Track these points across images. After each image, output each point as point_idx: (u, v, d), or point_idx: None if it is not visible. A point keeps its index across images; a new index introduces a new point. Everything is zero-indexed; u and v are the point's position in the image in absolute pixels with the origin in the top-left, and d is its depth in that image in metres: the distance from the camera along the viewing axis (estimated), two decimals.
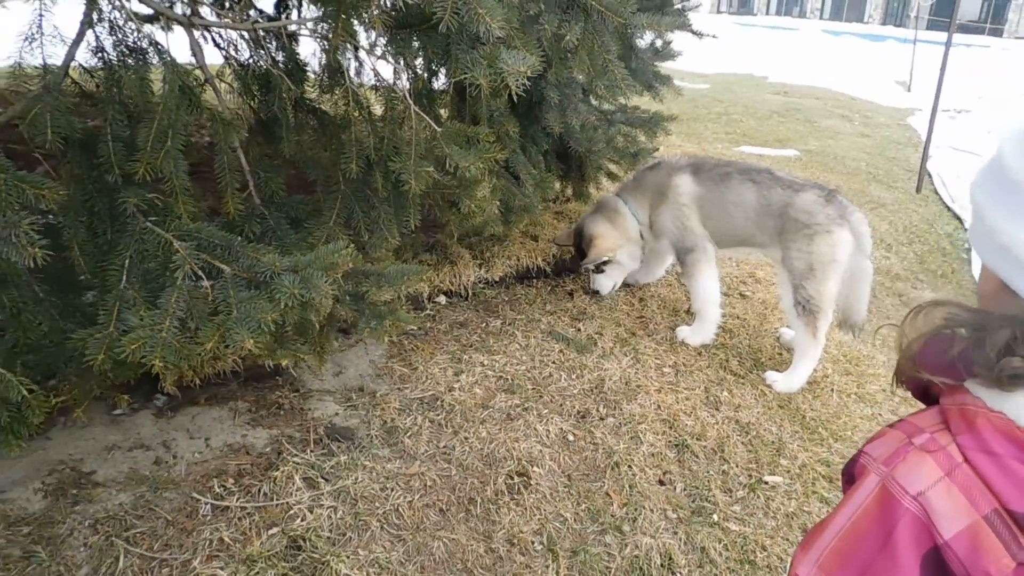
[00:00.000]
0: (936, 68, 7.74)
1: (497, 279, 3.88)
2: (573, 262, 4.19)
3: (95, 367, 1.88)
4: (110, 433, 2.56)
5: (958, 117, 12.93)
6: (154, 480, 2.38)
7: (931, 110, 7.76)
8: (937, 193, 7.83)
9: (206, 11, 2.53)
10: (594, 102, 4.20)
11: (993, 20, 36.23)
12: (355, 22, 2.12)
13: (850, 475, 0.92)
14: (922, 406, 0.95)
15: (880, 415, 3.49)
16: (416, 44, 2.28)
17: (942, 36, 8.50)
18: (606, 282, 3.93)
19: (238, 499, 2.36)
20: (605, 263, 3.82)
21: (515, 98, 2.30)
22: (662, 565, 2.46)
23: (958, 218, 7.11)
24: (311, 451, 2.62)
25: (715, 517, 2.70)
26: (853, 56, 20.28)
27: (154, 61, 2.26)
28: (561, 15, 2.39)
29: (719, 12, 40.06)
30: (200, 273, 2.04)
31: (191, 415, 2.69)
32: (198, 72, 2.37)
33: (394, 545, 2.33)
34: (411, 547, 2.34)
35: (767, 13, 41.75)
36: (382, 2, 1.83)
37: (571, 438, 2.92)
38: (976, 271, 5.87)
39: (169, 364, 1.90)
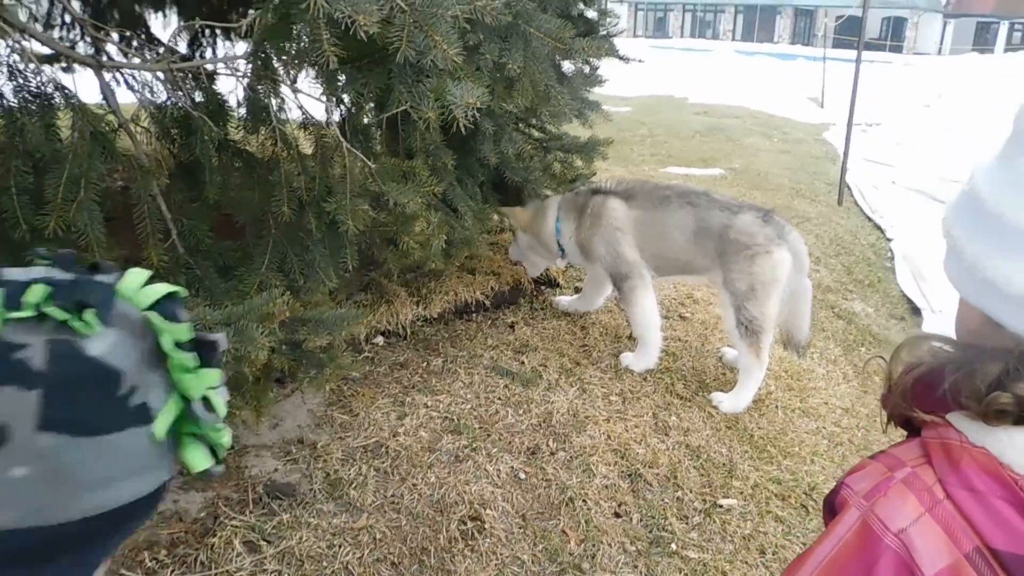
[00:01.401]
0: (844, 84, 8.04)
1: (436, 316, 3.78)
2: (512, 293, 4.14)
3: None
4: None
5: (870, 130, 13.49)
6: None
7: (846, 124, 8.04)
8: (857, 204, 8.09)
9: (114, 50, 2.39)
10: (528, 131, 4.17)
11: (893, 38, 38.29)
12: (294, 54, 2.03)
13: (831, 506, 0.89)
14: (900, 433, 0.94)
15: (824, 428, 3.53)
16: (348, 79, 2.19)
17: (847, 53, 8.86)
18: (513, 250, 4.15)
19: (173, 571, 2.19)
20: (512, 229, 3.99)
21: (452, 130, 2.24)
22: None
23: (879, 228, 7.35)
24: (250, 512, 2.46)
25: (673, 546, 2.66)
26: (766, 75, 21.03)
27: (60, 107, 2.12)
28: (501, 44, 2.35)
29: (636, 36, 41.12)
30: None
31: None
32: (111, 116, 2.23)
33: None
34: None
35: (682, 36, 43.10)
36: (328, 36, 1.73)
37: (523, 476, 2.84)
38: (901, 280, 6.08)
39: None
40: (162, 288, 0.76)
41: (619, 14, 4.99)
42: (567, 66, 3.94)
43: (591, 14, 4.24)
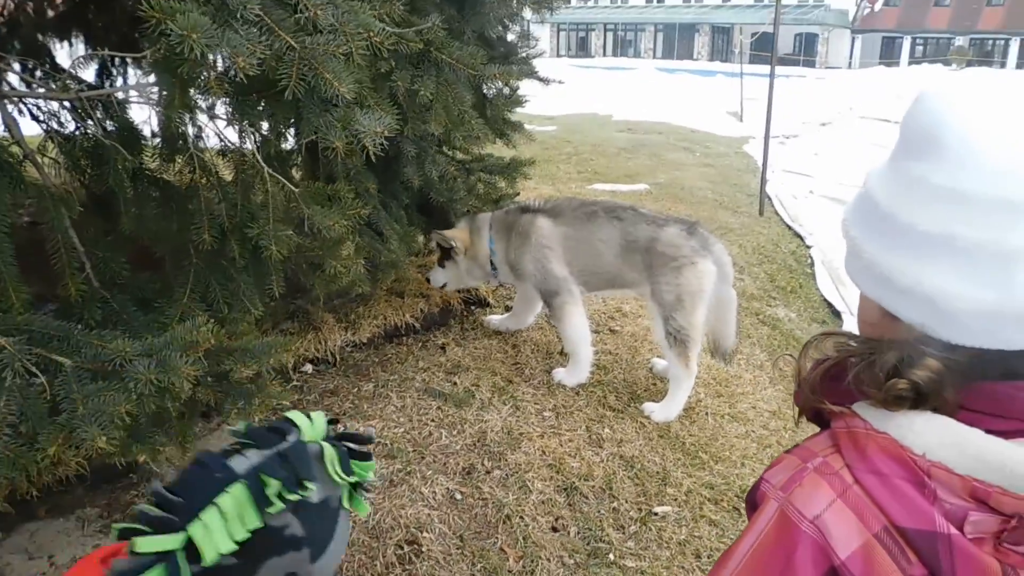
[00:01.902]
0: (762, 98, 8.33)
1: (365, 341, 3.75)
2: (442, 315, 4.14)
3: None
4: None
5: (787, 142, 13.98)
6: None
7: (764, 137, 8.32)
8: (778, 214, 8.36)
9: (16, 80, 2.32)
10: (450, 153, 4.20)
11: (806, 52, 39.87)
12: (192, 89, 2.00)
13: (753, 503, 0.93)
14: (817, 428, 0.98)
15: (753, 431, 3.62)
16: (261, 109, 2.17)
17: (764, 68, 9.18)
18: (440, 277, 3.96)
19: None
20: (446, 257, 3.85)
21: (372, 155, 2.24)
22: None
23: (799, 236, 7.61)
24: None
25: (611, 556, 2.69)
26: (687, 91, 21.58)
27: None
28: (413, 70, 2.37)
29: (559, 55, 41.79)
30: (33, 370, 1.82)
31: (28, 532, 2.40)
32: (15, 148, 2.16)
33: None
34: None
35: (604, 55, 43.96)
36: (218, 70, 1.72)
37: (459, 496, 2.83)
38: (822, 285, 6.31)
39: (2, 478, 1.68)
40: (306, 422, 1.04)
41: (539, 36, 5.08)
42: (489, 89, 4.00)
43: (511, 36, 4.32)
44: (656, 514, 2.94)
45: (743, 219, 7.68)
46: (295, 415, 1.03)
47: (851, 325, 5.49)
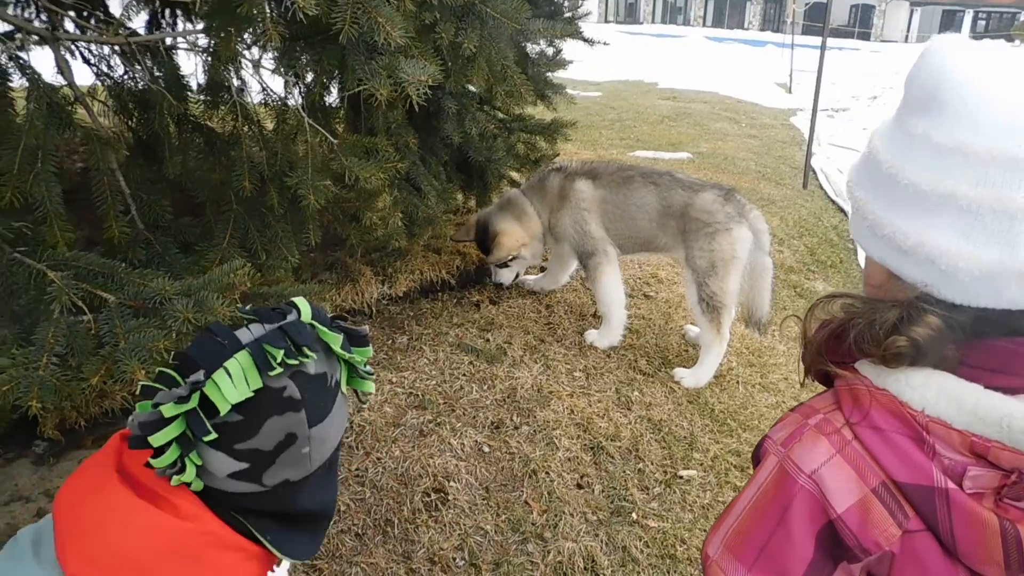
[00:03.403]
0: (813, 71, 8.14)
1: (401, 294, 3.80)
2: (478, 273, 4.16)
3: None
4: None
5: (836, 115, 13.66)
6: None
7: (812, 110, 8.14)
8: (822, 188, 8.21)
9: (71, 26, 2.37)
10: (491, 112, 4.19)
11: (861, 25, 38.68)
12: (247, 34, 2.03)
13: (757, 459, 0.96)
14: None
15: (783, 403, 3.60)
16: (307, 57, 2.19)
17: (816, 40, 8.94)
18: (508, 275, 3.96)
19: None
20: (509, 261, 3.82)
21: (413, 109, 2.25)
22: (585, 568, 2.45)
23: (842, 211, 7.46)
24: None
25: (634, 515, 2.72)
26: (736, 61, 21.15)
27: (14, 79, 2.10)
28: (457, 23, 2.36)
29: (607, 21, 41.13)
30: (80, 304, 1.89)
31: (77, 459, 2.50)
32: (67, 90, 2.21)
33: None
34: None
35: (652, 21, 43.14)
36: (273, 13, 1.74)
37: (486, 449, 2.88)
38: (862, 260, 6.19)
39: (48, 405, 1.75)
40: (308, 306, 1.19)
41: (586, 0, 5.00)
42: (532, 48, 3.97)
43: None
44: (681, 477, 2.96)
45: (786, 191, 7.55)
46: (297, 300, 1.20)
47: None
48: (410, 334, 3.56)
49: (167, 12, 4.24)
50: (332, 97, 3.23)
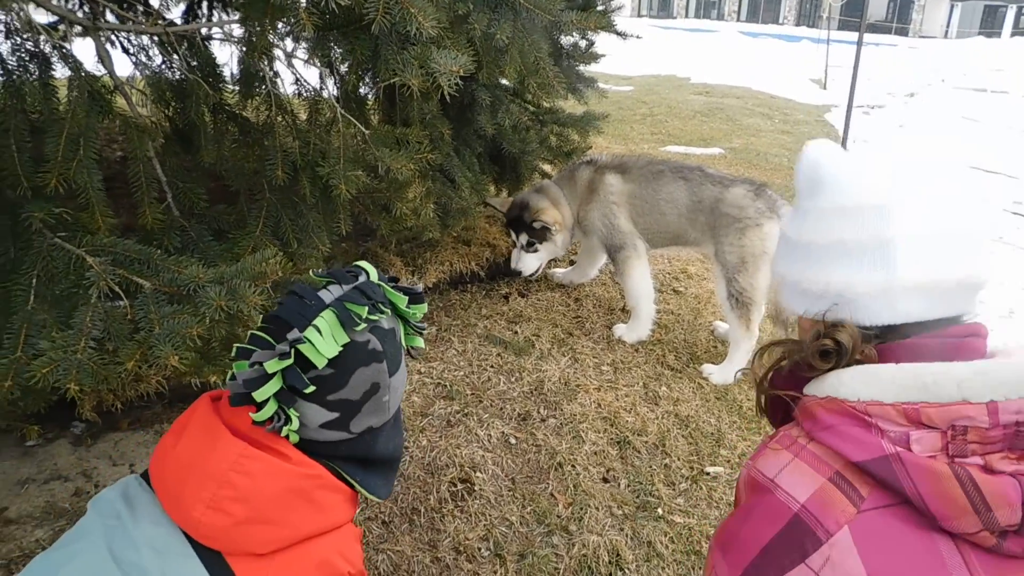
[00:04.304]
0: (848, 66, 8.03)
1: (431, 285, 3.82)
2: (507, 265, 4.17)
3: (1, 395, 1.76)
4: (22, 466, 2.41)
5: (872, 112, 13.44)
6: (75, 513, 2.24)
7: (846, 106, 8.03)
8: None
9: (111, 16, 2.41)
10: (524, 104, 4.18)
11: (899, 20, 38.00)
12: (280, 24, 2.05)
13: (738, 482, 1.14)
14: None
15: None
16: (340, 47, 2.21)
17: (853, 36, 8.81)
18: (534, 263, 3.88)
19: None
20: (540, 239, 3.77)
21: (447, 100, 2.25)
22: (610, 562, 2.45)
23: None
24: None
25: (660, 511, 2.71)
26: (770, 56, 20.87)
27: (57, 68, 2.14)
28: (490, 14, 2.36)
29: (639, 16, 40.82)
30: (117, 290, 1.93)
31: (113, 441, 2.56)
32: (107, 79, 2.25)
33: None
34: None
35: (686, 16, 42.75)
36: (308, 3, 1.76)
37: (513, 441, 2.89)
38: None
39: (86, 388, 1.79)
40: (373, 269, 1.32)
41: None
42: (564, 40, 3.95)
43: None
44: (708, 474, 2.94)
45: None
46: (363, 264, 1.32)
47: None
48: (439, 324, 3.58)
49: (203, 3, 4.30)
50: (367, 88, 3.25)
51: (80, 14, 2.45)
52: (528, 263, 3.87)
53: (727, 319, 3.58)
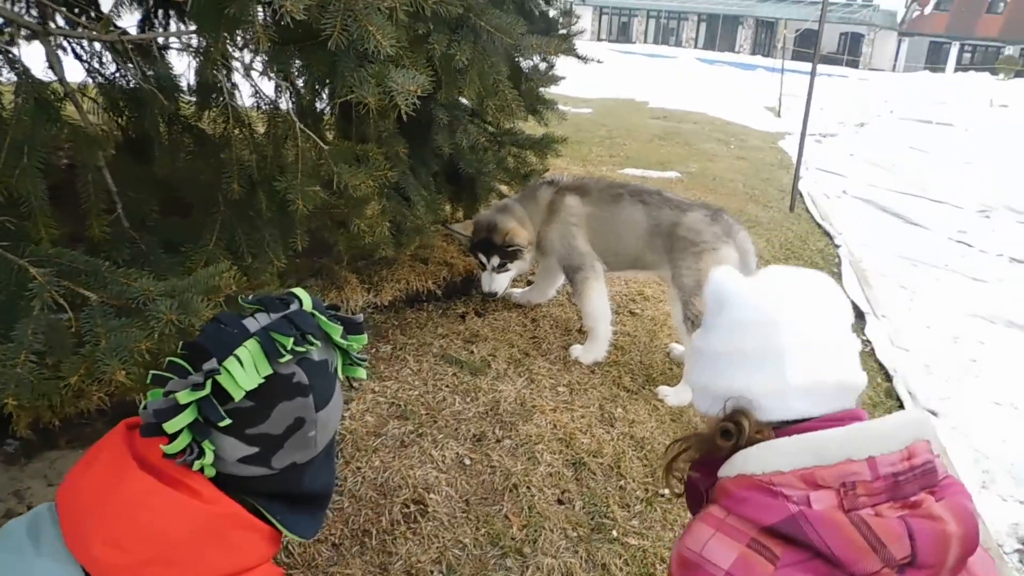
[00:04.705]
0: (802, 95, 8.22)
1: (386, 303, 3.78)
2: (464, 284, 4.16)
3: None
4: None
5: (824, 140, 13.80)
6: None
7: (800, 134, 8.21)
8: (808, 211, 8.27)
9: (61, 21, 2.35)
10: (483, 124, 4.19)
11: (850, 52, 39.22)
12: (237, 36, 2.02)
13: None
14: None
15: None
16: (298, 61, 2.18)
17: (806, 65, 9.04)
18: (505, 281, 3.86)
19: None
20: (511, 259, 3.74)
21: (404, 118, 2.24)
22: None
23: (828, 235, 7.53)
24: None
25: (615, 533, 2.70)
26: (726, 83, 21.33)
27: (2, 73, 2.08)
28: (451, 35, 2.36)
29: (599, 39, 41.38)
30: (61, 302, 1.87)
31: (49, 460, 2.46)
32: (57, 85, 2.19)
33: None
34: None
35: (645, 41, 43.47)
36: (264, 17, 1.73)
37: (468, 462, 2.86)
38: (847, 284, 6.26)
39: (24, 403, 1.72)
40: (308, 296, 1.25)
41: (580, 15, 5.03)
42: (525, 63, 3.98)
43: (552, 13, 4.29)
44: (663, 495, 2.94)
45: (773, 214, 7.61)
46: (298, 291, 1.26)
47: (874, 326, 5.46)
48: (394, 343, 3.54)
49: (159, 12, 4.24)
50: (323, 103, 3.23)
51: (28, 18, 2.39)
52: (501, 283, 3.85)
53: (683, 342, 3.62)
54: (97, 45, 2.43)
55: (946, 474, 1.13)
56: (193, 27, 2.40)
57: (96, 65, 2.59)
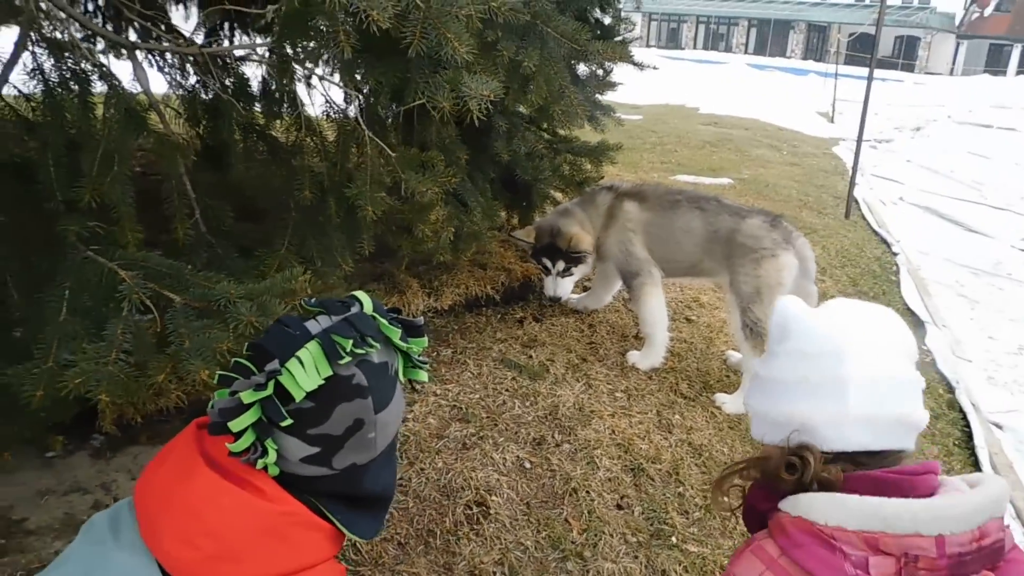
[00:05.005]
0: (855, 100, 8.09)
1: (446, 308, 3.83)
2: (522, 290, 4.19)
3: (31, 404, 1.77)
4: (43, 477, 2.42)
5: (879, 146, 13.54)
6: None
7: (856, 140, 8.09)
8: (864, 219, 8.13)
9: (135, 38, 2.45)
10: (539, 132, 4.23)
11: (905, 56, 38.33)
12: (311, 45, 2.09)
13: None
14: None
15: None
16: (375, 70, 2.25)
17: (859, 70, 8.92)
18: (569, 285, 3.89)
19: None
20: (576, 264, 3.77)
21: (464, 125, 2.29)
22: None
23: (885, 242, 7.39)
24: None
25: (674, 539, 2.70)
26: (777, 88, 21.04)
27: (95, 86, 2.18)
28: (518, 42, 2.41)
29: (648, 46, 41.18)
30: (148, 303, 1.95)
31: (132, 455, 2.56)
32: (142, 97, 2.30)
33: None
34: None
35: (694, 47, 43.16)
36: (346, 25, 1.80)
37: (528, 465, 2.89)
38: (906, 293, 6.14)
39: (115, 399, 1.81)
40: (369, 300, 1.27)
41: (634, 22, 5.04)
42: (581, 69, 4.01)
43: (607, 20, 4.31)
44: None
45: (827, 221, 7.50)
46: (359, 294, 1.29)
47: (934, 335, 5.34)
48: (455, 347, 3.59)
49: (225, 25, 4.37)
50: (387, 111, 3.30)
51: (124, 35, 2.50)
52: (565, 288, 3.87)
53: (740, 349, 3.60)
54: (178, 58, 2.53)
55: (1013, 546, 1.13)
56: (268, 39, 2.48)
57: (178, 78, 2.70)
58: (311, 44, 2.26)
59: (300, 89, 2.90)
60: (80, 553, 1.16)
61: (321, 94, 2.67)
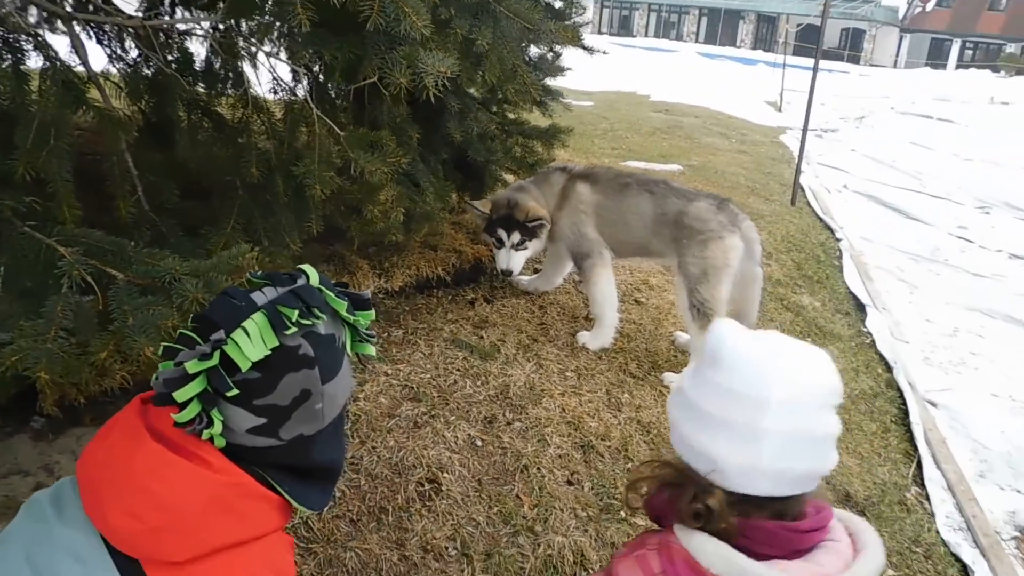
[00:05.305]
0: (802, 90, 8.27)
1: (397, 289, 3.82)
2: (473, 271, 4.20)
3: None
4: None
5: (825, 136, 13.86)
6: None
7: (802, 129, 8.26)
8: (810, 205, 8.33)
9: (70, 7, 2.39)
10: (492, 114, 4.22)
11: (851, 48, 39.20)
12: (265, 19, 2.05)
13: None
14: None
15: None
16: (329, 45, 2.22)
17: (806, 61, 9.09)
18: (522, 260, 3.88)
19: None
20: (532, 236, 3.77)
21: (417, 104, 2.28)
22: (575, 562, 2.49)
23: (829, 228, 7.59)
24: None
25: (623, 513, 2.76)
26: (727, 77, 21.33)
27: (30, 57, 2.11)
28: (471, 20, 2.40)
29: (600, 33, 41.30)
30: (89, 281, 1.91)
31: (75, 436, 2.51)
32: (80, 70, 2.23)
33: (304, 559, 2.25)
34: (322, 559, 2.27)
35: (646, 35, 43.43)
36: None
37: (479, 443, 2.91)
38: (848, 277, 6.31)
39: (55, 378, 1.77)
40: (315, 272, 1.27)
41: (584, 6, 5.07)
42: (532, 51, 4.01)
43: (558, 4, 4.32)
44: None
45: (774, 207, 7.66)
46: (305, 267, 1.28)
47: (875, 318, 5.52)
48: (405, 328, 3.59)
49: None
50: (337, 88, 3.26)
51: (60, 5, 2.42)
52: (517, 261, 3.86)
53: (688, 329, 3.67)
54: (117, 30, 2.47)
55: None
56: (216, 13, 2.44)
57: (119, 51, 2.63)
58: (265, 17, 2.23)
59: (246, 68, 2.86)
60: (21, 531, 1.14)
61: (268, 71, 2.63)
